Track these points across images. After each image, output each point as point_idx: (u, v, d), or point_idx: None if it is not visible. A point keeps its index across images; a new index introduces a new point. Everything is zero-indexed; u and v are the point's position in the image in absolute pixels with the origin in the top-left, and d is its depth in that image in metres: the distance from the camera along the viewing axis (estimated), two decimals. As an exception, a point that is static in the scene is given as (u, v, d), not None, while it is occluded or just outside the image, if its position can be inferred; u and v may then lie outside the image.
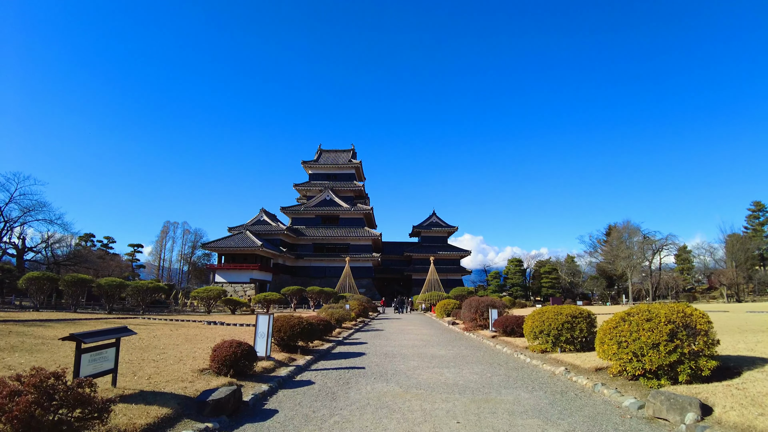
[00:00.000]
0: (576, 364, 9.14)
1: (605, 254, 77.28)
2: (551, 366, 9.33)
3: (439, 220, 75.08)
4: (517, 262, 77.29)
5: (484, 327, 18.67)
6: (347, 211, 68.60)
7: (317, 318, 13.74)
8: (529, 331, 11.61)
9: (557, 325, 10.91)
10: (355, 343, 14.17)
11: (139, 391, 5.89)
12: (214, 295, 30.60)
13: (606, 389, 7.00)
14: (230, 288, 54.74)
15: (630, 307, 7.86)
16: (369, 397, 6.53)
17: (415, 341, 14.87)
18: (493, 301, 19.21)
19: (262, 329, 8.90)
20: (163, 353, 9.60)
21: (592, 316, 11.35)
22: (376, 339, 15.71)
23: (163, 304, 35.54)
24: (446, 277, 63.56)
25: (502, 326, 15.28)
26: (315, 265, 66.88)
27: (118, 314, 24.90)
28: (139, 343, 11.19)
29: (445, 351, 12.19)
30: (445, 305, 31.74)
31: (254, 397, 6.25)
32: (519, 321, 15.13)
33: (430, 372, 8.67)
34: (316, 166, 73.14)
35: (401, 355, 11.18)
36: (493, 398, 6.57)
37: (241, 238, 56.59)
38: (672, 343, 6.76)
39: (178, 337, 13.03)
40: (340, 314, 18.75)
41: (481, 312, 18.88)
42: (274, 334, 10.40)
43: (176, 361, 8.44)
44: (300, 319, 10.73)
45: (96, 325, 15.79)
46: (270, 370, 8.21)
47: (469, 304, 19.55)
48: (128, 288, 27.51)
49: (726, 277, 61.64)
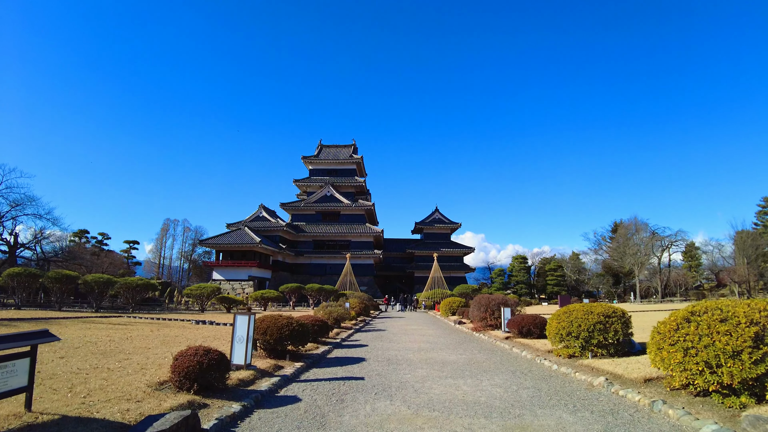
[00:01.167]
0: (617, 374, 7.63)
1: (612, 251, 75.63)
2: (586, 375, 7.83)
3: (442, 217, 73.49)
4: (521, 259, 75.69)
5: (495, 327, 17.17)
6: (348, 207, 67.07)
7: (312, 318, 12.26)
8: (554, 332, 10.10)
9: (588, 326, 9.40)
10: (355, 346, 12.69)
11: (60, 416, 4.41)
12: (208, 292, 29.16)
13: (671, 409, 5.48)
14: (228, 285, 53.32)
15: (692, 305, 6.34)
16: (368, 422, 5.03)
17: (421, 343, 13.38)
18: (505, 299, 17.70)
19: (241, 332, 7.42)
20: (126, 359, 8.13)
21: (627, 315, 9.84)
22: (378, 341, 14.21)
23: (156, 302, 34.13)
24: (449, 275, 62.01)
25: (517, 327, 13.77)
26: (315, 263, 65.41)
27: (105, 312, 23.49)
28: (105, 347, 9.72)
29: (456, 356, 10.69)
30: (450, 303, 30.25)
31: (218, 424, 4.76)
32: (537, 321, 13.63)
33: (443, 384, 7.17)
34: (317, 162, 71.59)
35: (406, 362, 9.68)
36: (530, 424, 5.06)
37: (240, 235, 55.14)
38: (759, 351, 5.26)
39: (154, 339, 11.57)
40: (338, 313, 17.27)
41: (491, 311, 17.37)
42: (259, 338, 8.93)
43: (136, 371, 6.97)
44: (290, 320, 9.24)
45: (67, 325, 14.33)
46: (248, 383, 6.73)
47: (478, 302, 18.03)
48: (117, 285, 26.09)
49: (738, 274, 59.93)
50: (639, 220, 72.40)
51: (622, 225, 77.79)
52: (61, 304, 24.23)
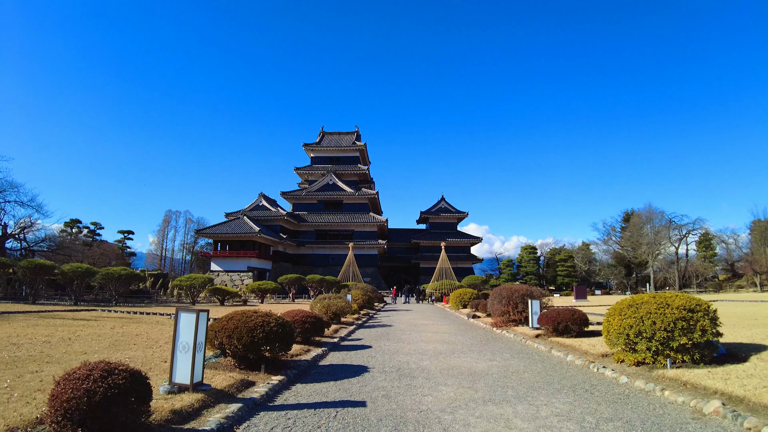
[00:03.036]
0: (732, 394, 5.23)
1: (624, 241, 72.92)
2: (681, 395, 5.44)
3: (449, 206, 70.93)
4: (530, 249, 73.17)
5: (519, 322, 14.80)
6: (351, 196, 64.68)
7: (302, 314, 9.92)
8: (616, 332, 7.69)
9: (666, 323, 7.01)
10: (355, 347, 10.36)
11: None
12: (199, 283, 26.97)
13: None
14: (227, 277, 51.27)
15: None
16: None
17: (436, 344, 11.01)
18: (530, 290, 15.28)
19: (186, 337, 5.07)
20: (33, 372, 5.82)
21: (713, 309, 7.41)
22: (384, 340, 11.87)
23: (146, 295, 32.02)
24: (456, 266, 59.59)
25: (552, 323, 11.37)
26: (317, 253, 63.22)
27: (83, 306, 21.33)
28: (24, 352, 7.42)
29: (485, 362, 8.31)
30: (461, 295, 27.92)
31: None
32: (576, 316, 11.22)
33: (486, 417, 4.76)
34: (319, 149, 69.05)
35: (423, 372, 7.32)
36: None
37: (238, 224, 52.93)
38: None
39: (104, 341, 9.27)
40: (337, 307, 14.95)
41: (514, 303, 14.97)
42: (226, 342, 6.61)
43: (23, 395, 4.65)
44: (266, 318, 6.89)
45: (13, 320, 12.07)
46: (186, 417, 4.37)
47: (499, 293, 15.63)
48: (98, 276, 23.93)
49: (760, 265, 57.12)
50: (654, 208, 69.53)
51: (635, 214, 74.91)
52: (35, 296, 22.10)
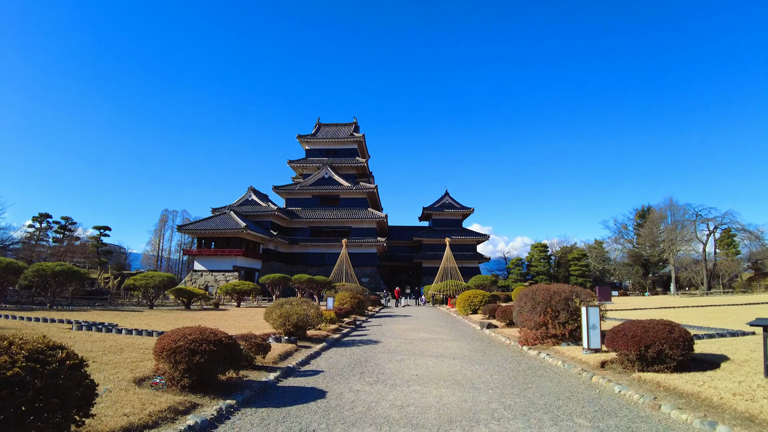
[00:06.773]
0: None
1: (642, 238, 67.92)
2: None
3: (453, 201, 66.18)
4: (541, 247, 68.23)
5: (562, 339, 10.23)
6: (348, 191, 60.09)
7: (196, 336, 5.38)
8: None
9: None
10: (288, 400, 5.78)
11: None
12: (156, 282, 22.51)
13: None
14: (211, 277, 46.82)
15: None
16: None
17: (441, 387, 6.42)
18: (575, 290, 10.68)
19: None
20: None
21: None
22: (353, 378, 7.25)
23: (103, 296, 27.61)
24: (461, 265, 54.77)
25: (636, 346, 6.77)
26: (312, 252, 58.66)
27: None
28: None
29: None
30: (470, 298, 23.27)
31: None
32: (675, 336, 6.63)
33: None
34: (314, 141, 64.55)
35: None
36: None
37: (223, 220, 48.39)
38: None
39: None
40: (300, 316, 10.40)
41: (554, 312, 10.37)
42: None
43: None
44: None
45: None
46: None
47: (532, 296, 10.94)
48: (27, 272, 19.55)
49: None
50: (675, 202, 64.49)
51: (653, 210, 69.96)
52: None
